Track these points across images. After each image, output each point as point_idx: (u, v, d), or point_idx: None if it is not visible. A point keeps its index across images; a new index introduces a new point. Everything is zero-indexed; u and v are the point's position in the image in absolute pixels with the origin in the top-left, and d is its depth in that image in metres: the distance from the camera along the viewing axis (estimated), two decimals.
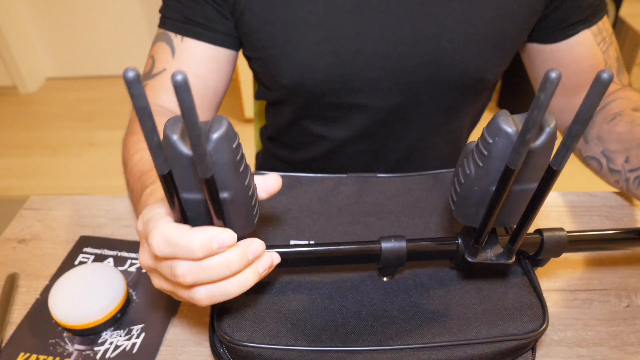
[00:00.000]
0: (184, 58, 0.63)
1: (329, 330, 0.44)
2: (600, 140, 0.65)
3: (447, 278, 0.48)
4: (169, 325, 0.54)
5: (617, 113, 0.64)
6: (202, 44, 0.63)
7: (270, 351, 0.42)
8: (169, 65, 0.63)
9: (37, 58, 2.70)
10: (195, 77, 0.64)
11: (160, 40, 0.65)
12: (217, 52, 0.64)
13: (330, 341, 0.43)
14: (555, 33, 0.64)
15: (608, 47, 0.66)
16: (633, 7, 2.12)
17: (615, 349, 0.51)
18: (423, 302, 0.46)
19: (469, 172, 0.36)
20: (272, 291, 0.47)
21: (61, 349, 0.52)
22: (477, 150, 0.36)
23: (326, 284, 0.48)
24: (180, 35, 0.62)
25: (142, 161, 0.53)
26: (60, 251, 0.64)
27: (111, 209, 0.71)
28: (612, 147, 0.63)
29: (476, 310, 0.45)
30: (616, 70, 0.67)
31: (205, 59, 0.64)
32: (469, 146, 0.38)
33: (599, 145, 0.65)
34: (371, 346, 0.42)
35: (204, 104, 0.66)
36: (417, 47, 0.60)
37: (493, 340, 0.43)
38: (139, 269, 0.61)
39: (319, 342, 0.43)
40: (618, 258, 0.61)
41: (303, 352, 0.42)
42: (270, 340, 0.43)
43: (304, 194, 0.58)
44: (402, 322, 0.44)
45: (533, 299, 0.46)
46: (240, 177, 0.34)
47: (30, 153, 2.25)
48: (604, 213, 0.68)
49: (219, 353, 0.46)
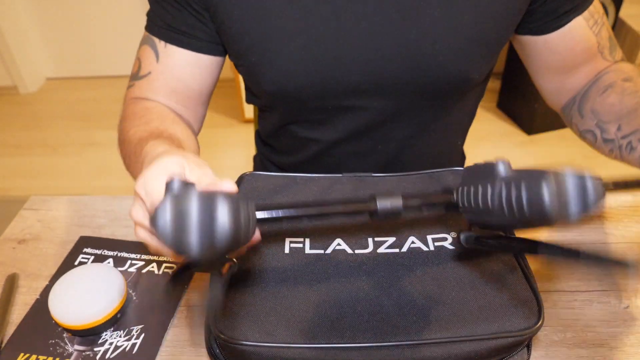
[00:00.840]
0: (167, 63, 0.65)
1: (325, 327, 0.44)
2: (594, 113, 0.66)
3: (443, 275, 0.49)
4: (169, 326, 0.54)
5: (608, 85, 0.65)
6: (184, 51, 0.64)
7: (266, 349, 0.42)
8: (153, 69, 0.65)
9: (37, 58, 2.70)
10: (179, 81, 0.66)
11: (146, 43, 0.66)
12: (199, 58, 0.65)
13: (326, 338, 0.43)
14: (548, 24, 0.64)
15: (600, 29, 0.67)
16: (633, 8, 2.12)
17: (615, 349, 0.51)
18: (419, 298, 0.46)
19: (497, 209, 0.37)
20: (267, 289, 0.47)
21: (61, 350, 0.52)
22: (516, 199, 0.36)
23: (321, 281, 0.48)
24: (164, 42, 0.64)
25: (138, 132, 0.55)
26: (60, 251, 0.64)
27: (111, 209, 0.71)
28: (605, 118, 0.64)
29: (472, 306, 0.45)
30: (609, 49, 0.68)
31: (187, 65, 0.65)
32: (498, 176, 0.38)
33: (593, 118, 0.66)
34: (367, 342, 0.42)
35: (190, 102, 0.68)
36: (398, 51, 0.61)
37: (489, 337, 0.43)
38: (138, 269, 0.61)
39: (315, 338, 0.43)
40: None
41: (299, 349, 0.42)
42: (266, 338, 0.43)
43: (299, 192, 0.58)
44: (398, 319, 0.44)
45: (529, 296, 0.46)
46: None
47: (30, 153, 2.25)
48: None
49: (215, 354, 0.47)
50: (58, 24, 2.59)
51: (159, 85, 0.66)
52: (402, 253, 0.51)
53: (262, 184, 0.59)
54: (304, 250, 0.51)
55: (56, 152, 2.25)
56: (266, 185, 0.59)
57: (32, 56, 2.66)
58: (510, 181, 0.38)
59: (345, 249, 0.51)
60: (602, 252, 0.38)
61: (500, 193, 0.38)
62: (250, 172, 0.61)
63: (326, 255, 0.51)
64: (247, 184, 0.59)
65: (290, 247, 0.52)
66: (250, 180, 0.60)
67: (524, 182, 0.36)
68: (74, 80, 2.77)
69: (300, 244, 0.52)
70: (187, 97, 0.67)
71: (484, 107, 2.37)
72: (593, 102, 0.66)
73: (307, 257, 0.51)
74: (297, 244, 0.52)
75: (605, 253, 0.38)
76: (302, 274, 0.49)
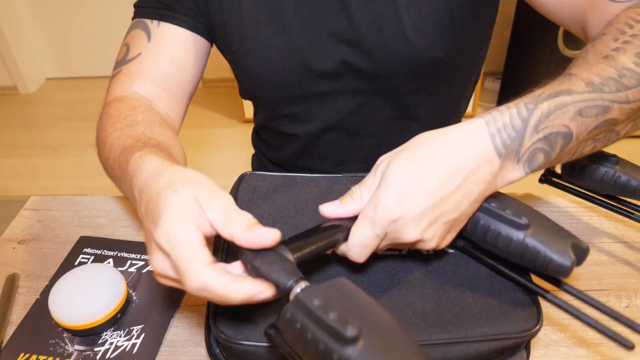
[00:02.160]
0: (160, 41, 0.62)
1: None
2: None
3: (442, 277, 0.49)
4: (169, 326, 0.54)
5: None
6: (180, 28, 0.63)
7: (267, 349, 0.42)
8: (144, 49, 0.62)
9: (37, 58, 2.70)
10: (173, 60, 0.63)
11: (135, 28, 0.64)
12: (195, 38, 0.64)
13: None
14: None
15: None
16: None
17: (615, 349, 0.51)
18: (419, 300, 0.46)
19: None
20: None
21: (61, 350, 0.52)
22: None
23: (321, 281, 0.48)
24: (157, 21, 0.62)
25: (122, 138, 0.52)
26: (60, 251, 0.64)
27: (111, 209, 0.71)
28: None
29: (471, 308, 0.45)
30: None
31: (182, 43, 0.63)
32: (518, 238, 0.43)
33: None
34: None
35: (179, 90, 0.65)
36: (367, 34, 0.61)
37: (488, 338, 0.43)
38: (138, 269, 0.61)
39: None
40: (618, 258, 0.61)
41: None
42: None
43: (299, 192, 0.58)
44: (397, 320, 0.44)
45: (527, 299, 0.46)
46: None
47: (30, 153, 2.25)
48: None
49: (215, 353, 0.47)
50: (58, 24, 2.59)
51: (149, 66, 0.63)
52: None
53: (262, 183, 0.59)
54: None
55: (56, 152, 2.25)
56: (266, 185, 0.59)
57: (32, 56, 2.66)
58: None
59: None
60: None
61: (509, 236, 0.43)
62: (250, 172, 0.61)
63: (326, 256, 0.51)
64: (247, 183, 0.59)
65: None
66: (250, 180, 0.60)
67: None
68: (74, 80, 2.77)
69: None
70: (178, 82, 0.65)
71: (484, 107, 2.37)
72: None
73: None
74: None
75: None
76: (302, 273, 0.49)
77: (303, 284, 0.34)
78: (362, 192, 0.43)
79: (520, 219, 0.42)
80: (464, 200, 0.41)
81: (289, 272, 0.35)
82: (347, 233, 0.42)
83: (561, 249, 0.42)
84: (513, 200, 0.45)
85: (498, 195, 0.46)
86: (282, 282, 0.35)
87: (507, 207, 0.43)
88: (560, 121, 0.41)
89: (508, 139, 0.40)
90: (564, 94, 0.42)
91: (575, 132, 0.42)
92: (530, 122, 0.40)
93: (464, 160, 0.40)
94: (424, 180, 0.40)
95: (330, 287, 0.33)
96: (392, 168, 0.41)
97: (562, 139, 0.42)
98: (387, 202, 0.40)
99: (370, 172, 0.44)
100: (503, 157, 0.41)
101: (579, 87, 0.42)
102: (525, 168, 0.42)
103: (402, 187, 0.40)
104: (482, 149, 0.40)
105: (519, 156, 0.41)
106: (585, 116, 0.42)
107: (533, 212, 0.45)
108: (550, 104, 0.41)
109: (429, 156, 0.40)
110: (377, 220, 0.40)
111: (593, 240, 0.64)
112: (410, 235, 0.41)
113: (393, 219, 0.40)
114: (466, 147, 0.40)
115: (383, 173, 0.41)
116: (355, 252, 0.42)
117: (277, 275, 0.35)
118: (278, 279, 0.35)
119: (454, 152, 0.40)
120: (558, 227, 0.44)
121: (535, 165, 0.42)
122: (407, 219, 0.40)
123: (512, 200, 0.45)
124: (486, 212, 0.44)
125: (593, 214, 0.68)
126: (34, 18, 2.58)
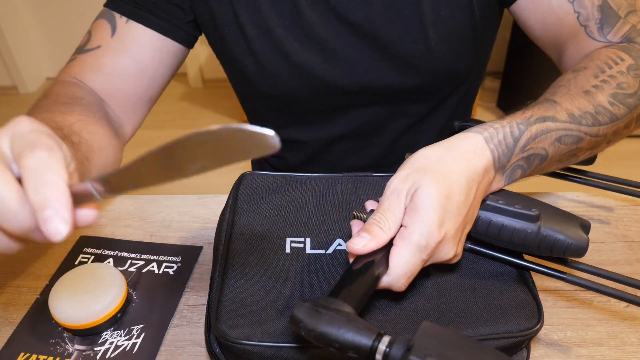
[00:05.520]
0: (124, 40, 0.60)
1: None
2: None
3: (443, 276, 0.49)
4: (169, 326, 0.54)
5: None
6: (149, 30, 0.60)
7: (267, 348, 0.42)
8: (105, 43, 0.60)
9: (37, 58, 2.70)
10: (133, 62, 0.61)
11: (102, 17, 0.61)
12: (165, 42, 0.61)
13: None
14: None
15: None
16: None
17: (615, 349, 0.51)
18: (420, 300, 0.46)
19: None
20: (268, 288, 0.47)
21: (61, 349, 0.52)
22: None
23: (322, 281, 0.48)
24: (126, 17, 0.59)
25: (49, 123, 0.46)
26: (60, 251, 0.64)
27: (111, 209, 0.71)
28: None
29: (472, 308, 0.45)
30: (597, 21, 0.56)
31: (148, 45, 0.61)
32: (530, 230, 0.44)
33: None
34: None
35: (136, 92, 0.62)
36: (383, 53, 0.61)
37: (489, 337, 0.43)
38: (138, 269, 0.61)
39: None
40: (618, 258, 0.61)
41: (299, 348, 0.42)
42: (267, 337, 0.43)
43: (299, 192, 0.58)
44: (398, 319, 0.45)
45: (528, 298, 0.46)
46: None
47: None
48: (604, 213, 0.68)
49: (215, 353, 0.47)
50: (58, 24, 2.59)
51: (105, 62, 0.60)
52: None
53: (262, 183, 0.59)
54: (305, 250, 0.52)
55: None
56: (266, 185, 0.59)
57: (32, 56, 2.66)
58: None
59: (346, 249, 0.51)
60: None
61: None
62: (250, 172, 0.61)
63: (327, 255, 0.51)
64: (247, 183, 0.59)
65: (291, 247, 0.52)
66: (250, 180, 0.60)
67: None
68: None
69: (301, 244, 0.52)
70: (135, 85, 0.62)
71: (484, 107, 2.37)
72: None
73: (308, 257, 0.51)
74: (298, 244, 0.52)
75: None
76: (303, 273, 0.49)
77: (386, 339, 0.33)
78: (389, 220, 0.41)
79: (532, 211, 0.44)
80: (476, 209, 0.44)
81: (363, 329, 0.33)
82: (385, 265, 0.40)
83: (574, 232, 0.44)
84: (515, 194, 0.47)
85: (500, 192, 0.47)
86: (364, 343, 0.33)
87: (516, 202, 0.45)
88: (542, 144, 0.46)
89: (502, 154, 0.44)
90: (549, 120, 0.46)
91: (550, 155, 0.47)
92: (520, 142, 0.45)
93: (475, 173, 0.42)
94: (454, 195, 0.41)
95: (423, 337, 0.32)
96: (425, 189, 0.40)
97: (539, 160, 0.47)
98: (431, 225, 0.40)
99: (387, 196, 0.43)
100: (496, 169, 0.45)
101: (562, 117, 0.47)
102: (506, 180, 0.47)
103: (442, 207, 0.40)
104: (486, 162, 0.44)
105: (504, 170, 0.46)
106: (562, 143, 0.47)
107: (536, 201, 0.46)
108: (538, 127, 0.46)
109: (450, 172, 0.42)
110: (425, 245, 0.40)
111: (591, 239, 0.64)
112: (450, 253, 0.42)
113: (439, 240, 0.40)
114: (474, 160, 0.43)
115: (414, 196, 0.41)
116: (402, 283, 0.41)
117: (353, 337, 0.33)
118: (360, 341, 0.33)
119: (468, 165, 0.43)
120: (562, 211, 0.46)
121: (513, 179, 0.47)
122: (448, 238, 0.41)
123: (515, 195, 0.47)
124: (496, 210, 0.45)
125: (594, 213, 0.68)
126: (34, 18, 2.58)
